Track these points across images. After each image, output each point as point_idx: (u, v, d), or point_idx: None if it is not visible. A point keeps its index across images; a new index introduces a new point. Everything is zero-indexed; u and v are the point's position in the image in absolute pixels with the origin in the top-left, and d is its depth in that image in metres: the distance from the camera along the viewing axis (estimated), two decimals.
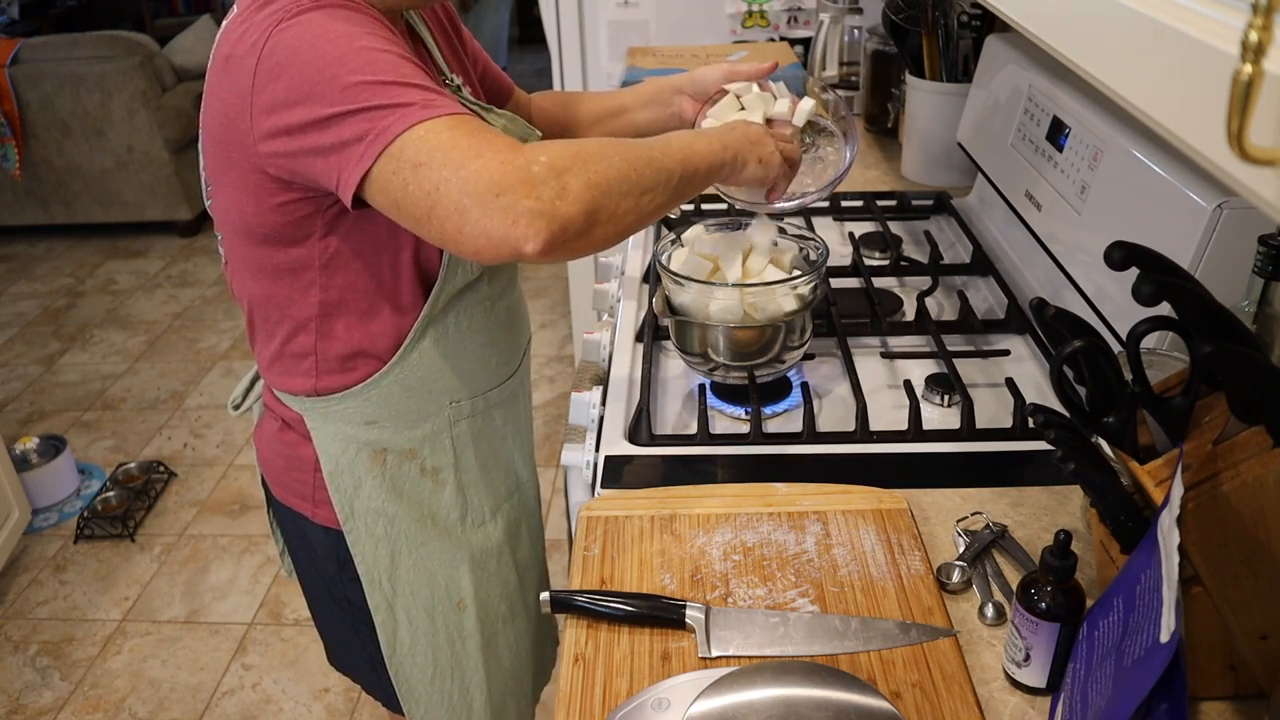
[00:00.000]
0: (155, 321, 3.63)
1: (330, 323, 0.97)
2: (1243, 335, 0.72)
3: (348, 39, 0.80)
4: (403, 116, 0.76)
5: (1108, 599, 0.72)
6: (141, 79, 3.88)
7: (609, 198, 0.78)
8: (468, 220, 0.74)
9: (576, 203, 0.76)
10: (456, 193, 0.74)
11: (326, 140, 0.79)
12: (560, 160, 0.76)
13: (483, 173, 0.74)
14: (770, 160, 0.98)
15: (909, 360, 1.25)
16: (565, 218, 0.75)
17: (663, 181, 0.84)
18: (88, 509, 2.58)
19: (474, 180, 0.74)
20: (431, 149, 0.75)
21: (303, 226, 0.91)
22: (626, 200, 0.80)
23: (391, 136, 0.76)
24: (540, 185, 0.74)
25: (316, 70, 0.79)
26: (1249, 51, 0.36)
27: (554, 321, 3.46)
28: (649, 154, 0.84)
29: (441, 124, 0.76)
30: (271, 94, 0.81)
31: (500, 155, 0.74)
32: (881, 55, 1.94)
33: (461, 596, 1.11)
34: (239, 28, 0.84)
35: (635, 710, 0.76)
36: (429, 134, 0.76)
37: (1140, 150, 1.08)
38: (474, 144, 0.75)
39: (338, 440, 1.02)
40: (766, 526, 0.95)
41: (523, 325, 1.16)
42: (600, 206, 0.78)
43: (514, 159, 0.74)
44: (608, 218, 0.79)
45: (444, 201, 0.75)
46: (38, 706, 2.06)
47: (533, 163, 0.75)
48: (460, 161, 0.74)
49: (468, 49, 1.13)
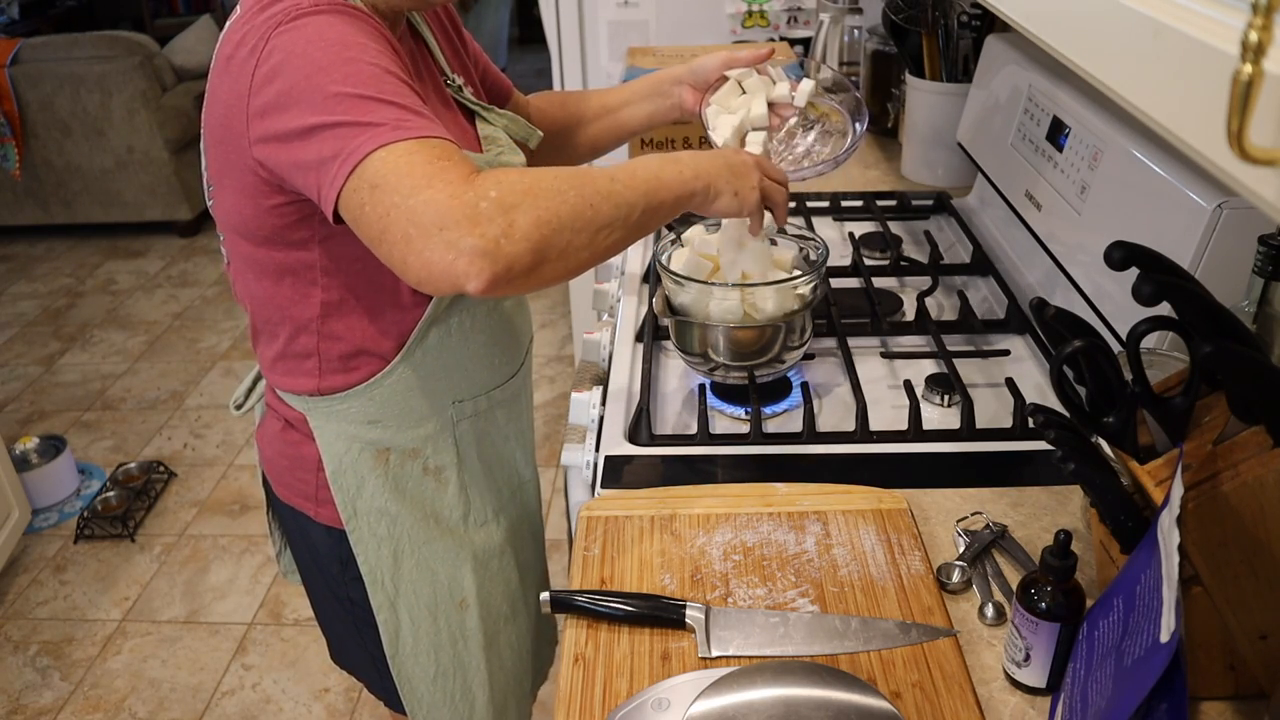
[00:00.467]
0: (155, 321, 3.63)
1: (333, 323, 0.97)
2: (1243, 335, 0.72)
3: (338, 47, 0.80)
4: (372, 137, 0.76)
5: (1108, 599, 0.72)
6: (141, 79, 3.88)
7: (560, 235, 0.76)
8: (412, 250, 0.73)
9: (523, 241, 0.73)
10: (404, 221, 0.73)
11: (308, 155, 0.79)
12: (510, 196, 0.74)
13: (430, 204, 0.72)
14: (747, 197, 0.93)
15: (909, 360, 1.25)
16: (509, 256, 0.73)
17: (621, 217, 0.81)
18: (88, 509, 2.58)
19: (420, 210, 0.73)
20: (388, 173, 0.74)
21: (300, 229, 0.91)
22: (580, 237, 0.78)
23: (359, 157, 0.75)
24: (485, 222, 0.72)
25: (304, 76, 0.79)
26: (1249, 51, 0.36)
27: (554, 321, 3.46)
28: (609, 187, 0.81)
29: (404, 148, 0.75)
30: (264, 97, 0.81)
31: (450, 188, 0.73)
32: (881, 55, 1.94)
33: (464, 596, 1.11)
34: (240, 30, 0.84)
35: (635, 710, 0.76)
36: (390, 156, 0.75)
37: (1140, 150, 1.09)
38: (428, 172, 0.74)
39: (341, 440, 1.02)
40: (766, 526, 0.95)
41: (525, 324, 1.16)
42: (550, 245, 0.75)
43: (463, 193, 0.73)
44: (558, 255, 0.76)
45: (392, 228, 0.74)
46: (38, 706, 2.06)
47: (481, 198, 0.73)
48: (411, 189, 0.73)
49: (469, 50, 1.14)
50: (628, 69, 1.79)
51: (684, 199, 0.89)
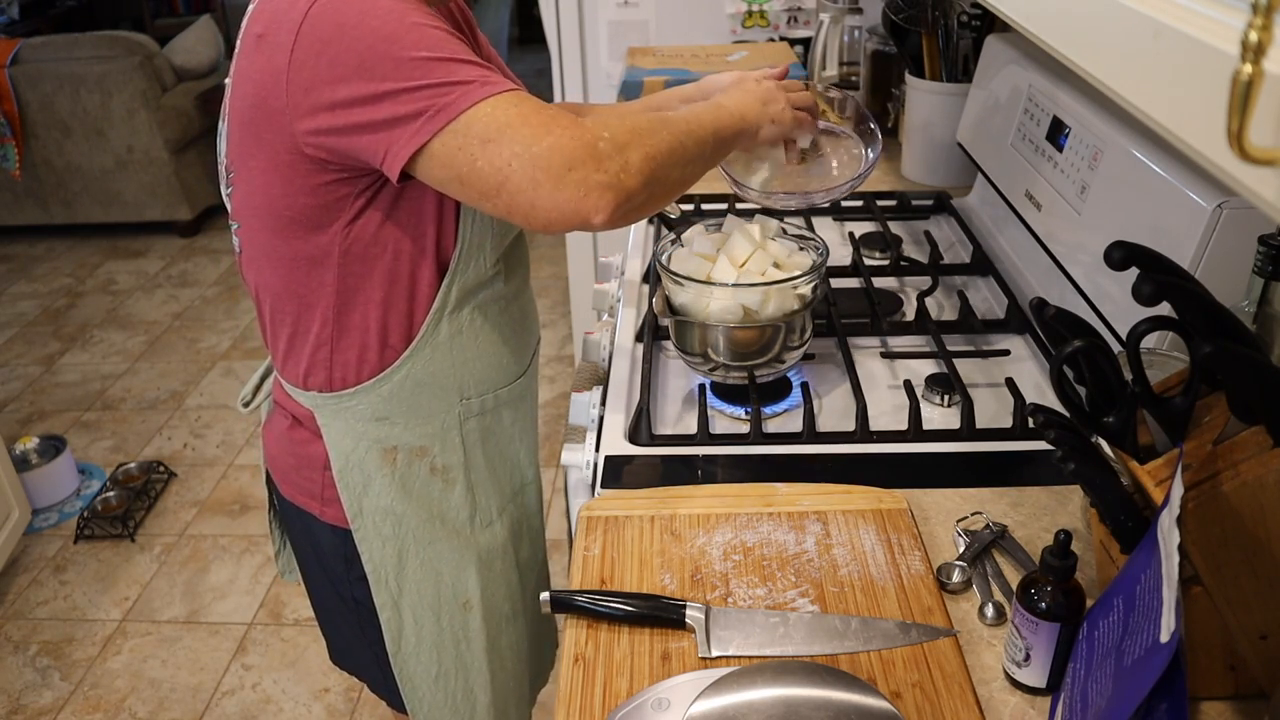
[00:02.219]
0: (155, 321, 3.63)
1: (346, 313, 0.97)
2: (1243, 335, 0.72)
3: (397, 15, 0.81)
4: (466, 93, 0.79)
5: (1108, 599, 0.72)
6: (141, 79, 3.88)
7: (663, 169, 0.85)
8: (540, 194, 0.79)
9: (638, 175, 0.82)
10: (529, 167, 0.78)
11: (379, 115, 0.80)
12: (620, 135, 0.82)
13: (555, 149, 0.78)
14: (782, 117, 1.04)
15: (909, 360, 1.25)
16: (629, 190, 0.81)
17: (701, 153, 0.92)
18: (88, 509, 2.58)
19: (547, 156, 0.78)
20: (501, 126, 0.78)
21: (331, 211, 0.91)
22: (675, 170, 0.87)
23: (456, 112, 0.79)
24: (607, 160, 0.80)
25: (367, 46, 0.79)
26: (1249, 51, 0.36)
27: (554, 321, 3.46)
28: (687, 127, 0.91)
29: (506, 100, 0.80)
30: (313, 70, 0.81)
31: (569, 131, 0.79)
32: (881, 55, 1.94)
33: (468, 597, 1.11)
34: (272, 5, 0.84)
35: (635, 710, 0.76)
36: (496, 110, 0.79)
37: (1140, 150, 1.08)
38: (542, 120, 0.79)
39: (348, 437, 1.02)
40: (766, 526, 0.95)
41: (533, 325, 1.16)
42: (656, 178, 0.84)
43: (582, 135, 0.79)
44: (661, 187, 0.86)
45: (515, 177, 0.79)
46: (38, 706, 2.06)
47: (598, 139, 0.80)
48: (531, 138, 0.78)
49: (483, 51, 1.14)
50: (628, 69, 1.79)
51: (736, 137, 1.00)
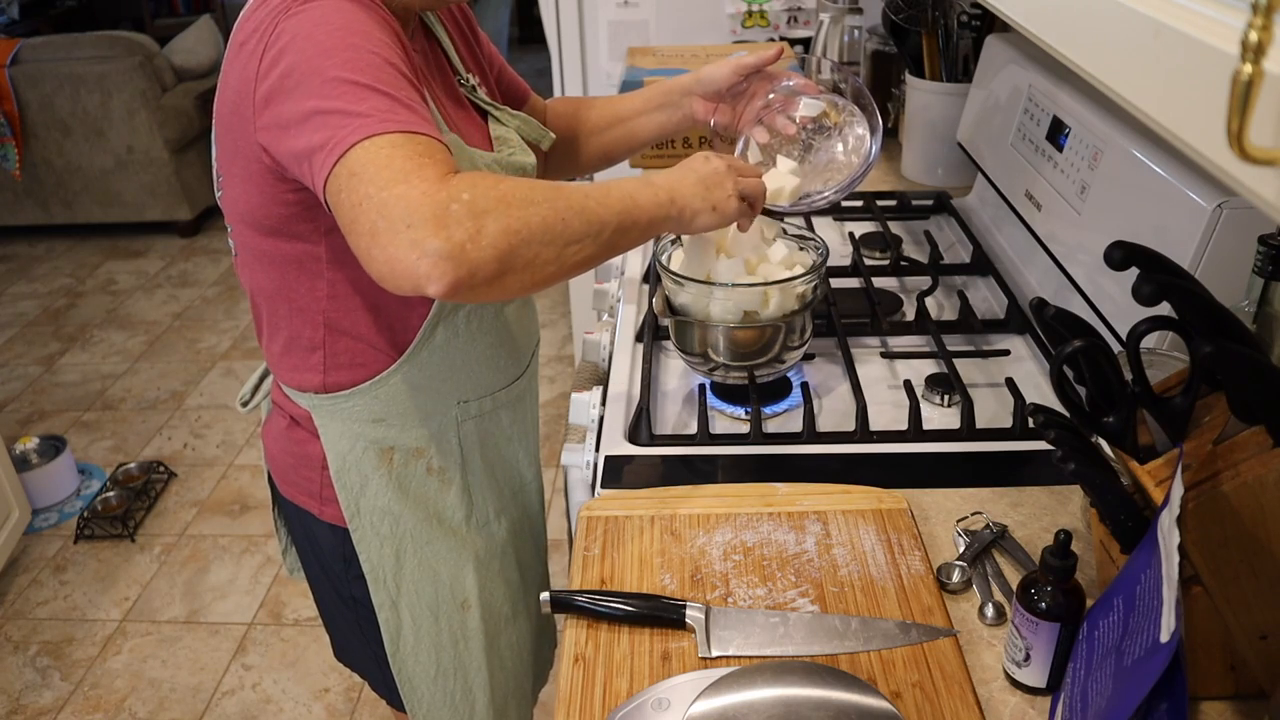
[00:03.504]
0: (155, 321, 3.63)
1: (339, 316, 0.97)
2: (1243, 335, 0.72)
3: (342, 32, 0.80)
4: (359, 127, 0.75)
5: (1108, 599, 0.72)
6: (141, 79, 3.88)
7: (528, 246, 0.75)
8: (377, 243, 0.73)
9: (490, 248, 0.73)
10: (374, 212, 0.72)
11: (300, 144, 0.79)
12: (482, 201, 0.73)
13: (400, 199, 0.72)
14: (725, 207, 0.93)
15: (909, 360, 1.25)
16: (474, 263, 0.72)
17: (592, 233, 0.81)
18: (88, 509, 2.58)
19: (390, 205, 0.72)
20: (366, 162, 0.74)
21: (303, 219, 0.91)
22: (548, 250, 0.77)
23: (345, 147, 0.75)
24: (454, 225, 0.71)
25: (305, 59, 0.79)
26: (1249, 51, 0.36)
27: (554, 321, 3.46)
28: (582, 203, 0.81)
29: (387, 140, 0.75)
30: (270, 82, 0.81)
31: (425, 185, 0.72)
32: (881, 55, 1.94)
33: (466, 597, 1.11)
34: (253, 14, 0.85)
35: (635, 710, 0.76)
36: (372, 147, 0.75)
37: (1140, 150, 1.09)
38: (405, 167, 0.73)
39: (345, 438, 1.02)
40: (766, 526, 0.95)
41: (532, 327, 1.16)
42: (516, 255, 0.75)
43: (436, 192, 0.72)
44: (523, 266, 0.76)
45: (362, 217, 0.73)
46: (38, 706, 2.06)
47: (453, 200, 0.72)
48: (386, 181, 0.73)
49: (484, 50, 1.14)
50: (628, 69, 1.79)
51: (658, 221, 0.89)
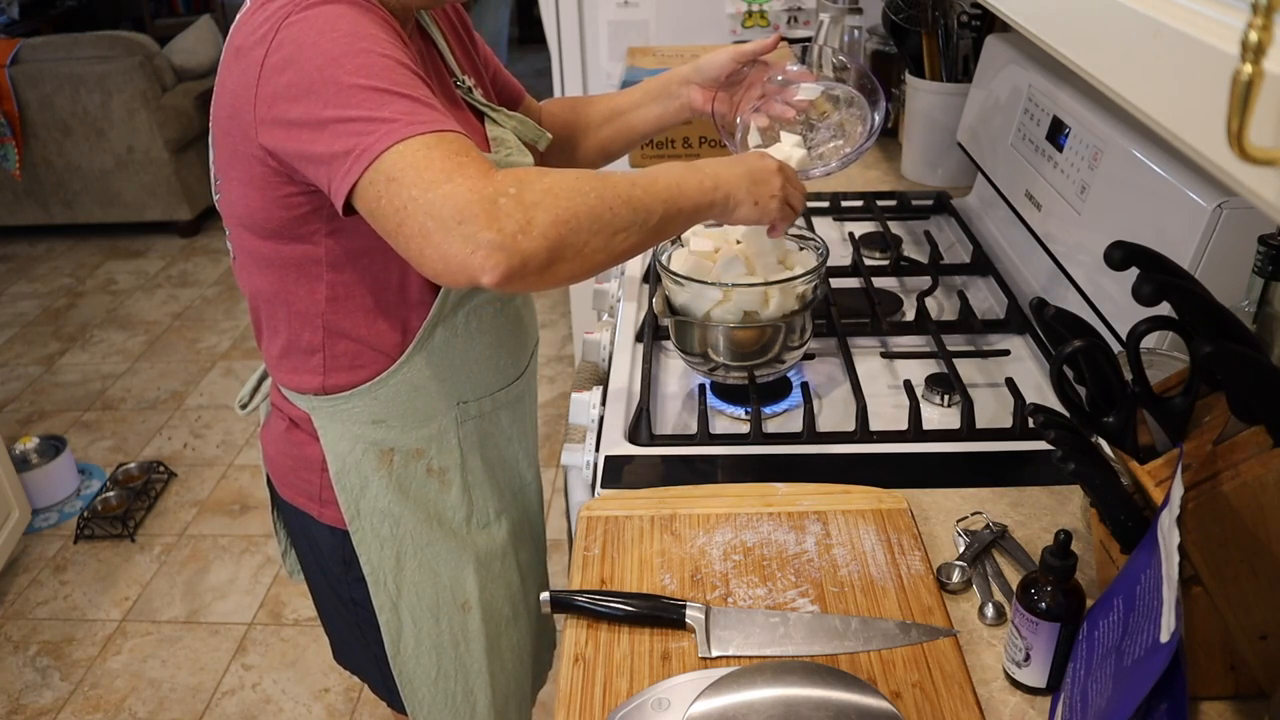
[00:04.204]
0: (155, 321, 3.63)
1: (338, 318, 0.97)
2: (1243, 335, 0.72)
3: (350, 38, 0.80)
4: (389, 132, 0.76)
5: (1108, 599, 0.72)
6: (141, 79, 3.88)
7: (577, 235, 0.77)
8: (429, 243, 0.74)
9: (541, 239, 0.74)
10: (421, 214, 0.73)
11: (318, 148, 0.79)
12: (530, 193, 0.75)
13: (449, 197, 0.73)
14: (766, 206, 0.95)
15: (909, 360, 1.25)
16: (526, 253, 0.73)
17: (639, 221, 0.82)
18: (88, 509, 2.58)
19: (439, 204, 0.73)
20: (405, 166, 0.75)
21: (306, 222, 0.91)
22: (597, 238, 0.78)
23: (375, 154, 0.76)
24: (504, 218, 0.73)
25: (316, 67, 0.79)
26: (1249, 51, 0.36)
27: (554, 321, 3.46)
28: (629, 191, 0.82)
29: (421, 141, 0.76)
30: (274, 86, 0.81)
31: (470, 182, 0.73)
32: (881, 55, 1.94)
33: (466, 598, 1.11)
34: (251, 19, 0.85)
35: (635, 710, 0.76)
36: (407, 150, 0.75)
37: (1140, 150, 1.08)
38: (447, 166, 0.74)
39: (345, 439, 1.02)
40: (766, 526, 0.95)
41: (531, 327, 1.16)
42: (566, 244, 0.76)
43: (483, 187, 0.73)
44: (574, 254, 0.77)
45: (409, 220, 0.74)
46: (38, 706, 2.06)
47: (501, 194, 0.73)
48: (430, 182, 0.74)
49: (479, 52, 1.14)
50: (628, 69, 1.79)
51: (703, 208, 0.90)
